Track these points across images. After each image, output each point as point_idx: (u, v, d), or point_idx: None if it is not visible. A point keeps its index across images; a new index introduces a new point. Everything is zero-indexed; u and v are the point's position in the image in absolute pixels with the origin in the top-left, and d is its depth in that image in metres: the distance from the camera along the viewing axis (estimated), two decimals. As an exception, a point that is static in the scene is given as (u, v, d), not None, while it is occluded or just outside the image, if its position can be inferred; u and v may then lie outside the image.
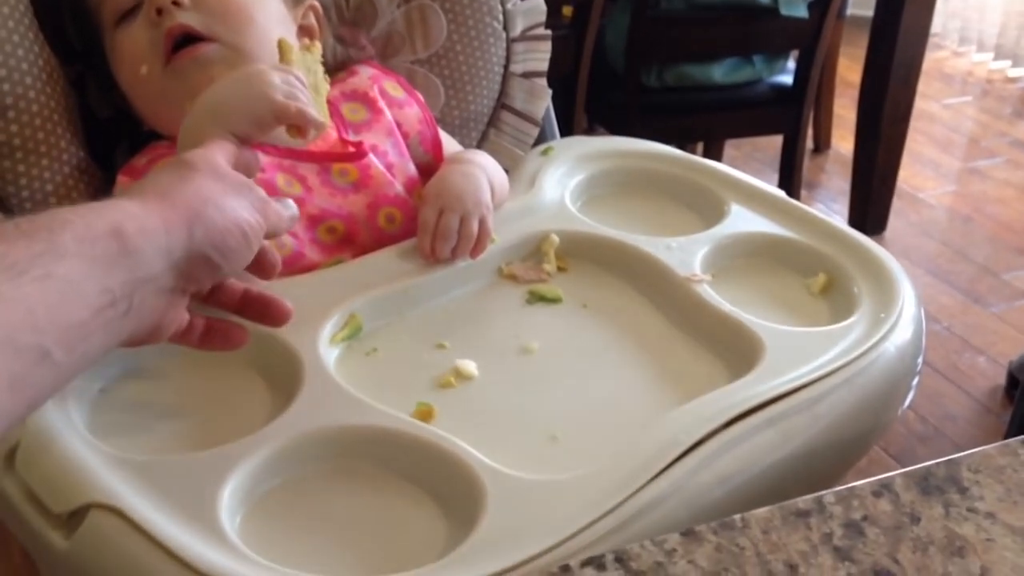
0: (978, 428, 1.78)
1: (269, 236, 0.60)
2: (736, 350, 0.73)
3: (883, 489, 0.47)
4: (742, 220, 0.87)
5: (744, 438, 0.62)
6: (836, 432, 0.66)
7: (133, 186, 0.57)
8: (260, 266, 0.61)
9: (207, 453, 0.59)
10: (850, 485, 0.47)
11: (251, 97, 0.65)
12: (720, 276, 0.81)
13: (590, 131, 2.35)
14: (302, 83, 0.69)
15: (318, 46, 0.76)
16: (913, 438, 1.75)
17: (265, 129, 0.66)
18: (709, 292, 0.77)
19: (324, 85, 0.73)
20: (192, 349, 0.62)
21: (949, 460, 0.48)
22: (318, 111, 0.69)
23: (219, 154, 0.59)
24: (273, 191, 0.79)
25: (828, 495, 0.47)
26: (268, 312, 0.62)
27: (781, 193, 0.91)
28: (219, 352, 0.64)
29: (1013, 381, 1.84)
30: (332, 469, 0.61)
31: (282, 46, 0.72)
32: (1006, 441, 0.50)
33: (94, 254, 0.48)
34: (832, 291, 0.81)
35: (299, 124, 0.66)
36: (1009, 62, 3.36)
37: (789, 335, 0.72)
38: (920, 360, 0.74)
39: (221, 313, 0.63)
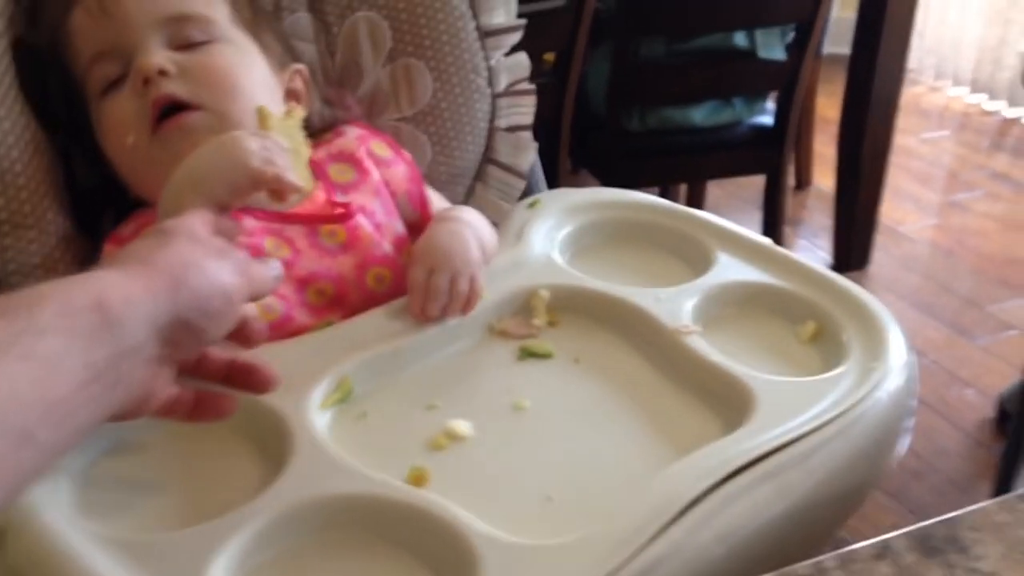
0: (970, 462, 1.79)
1: (254, 297, 0.59)
2: (728, 402, 0.73)
3: (884, 551, 0.46)
4: (729, 269, 0.88)
5: (741, 494, 0.62)
6: (832, 485, 0.65)
7: (113, 256, 0.56)
8: (244, 335, 0.61)
9: (196, 529, 0.58)
10: (850, 548, 0.47)
11: (228, 164, 0.65)
12: (710, 326, 0.81)
13: (574, 174, 2.37)
14: (281, 148, 0.69)
15: (299, 111, 0.76)
16: (906, 474, 1.74)
17: (242, 195, 0.65)
18: (699, 343, 0.77)
19: (305, 149, 0.74)
20: (167, 421, 0.62)
21: (949, 519, 0.48)
22: (299, 175, 0.69)
23: (197, 221, 0.59)
24: (261, 255, 0.79)
25: (828, 559, 0.46)
26: (254, 380, 0.62)
27: (767, 241, 0.92)
28: (208, 422, 0.63)
29: (1003, 413, 1.84)
30: (325, 540, 0.60)
31: (261, 113, 0.72)
32: (1004, 497, 0.49)
33: (76, 329, 0.48)
34: (821, 339, 0.81)
35: (277, 188, 0.66)
36: (985, 95, 3.41)
37: (780, 386, 0.72)
38: (913, 406, 0.74)
39: (207, 384, 0.62)
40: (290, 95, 0.87)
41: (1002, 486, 1.51)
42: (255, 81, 0.82)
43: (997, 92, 3.37)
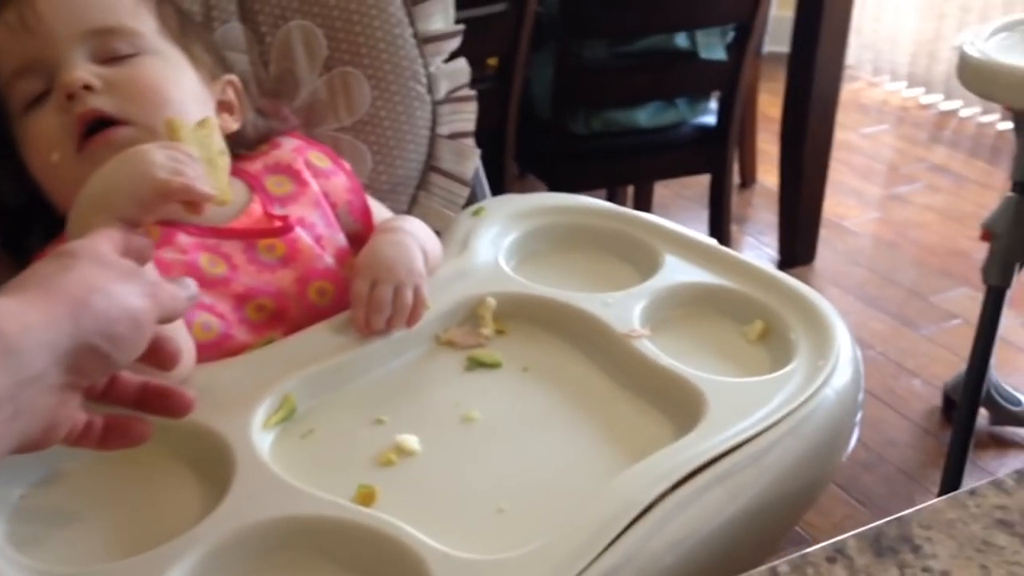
0: (919, 451, 1.81)
1: (165, 320, 0.57)
2: (679, 405, 0.72)
3: (836, 554, 0.46)
4: (676, 271, 0.87)
5: (693, 499, 0.61)
6: (784, 484, 0.65)
7: (12, 282, 0.54)
8: (159, 357, 0.58)
9: (138, 559, 0.56)
10: (803, 552, 0.46)
11: (132, 178, 0.63)
12: (658, 329, 0.81)
13: (521, 179, 2.36)
14: (191, 158, 0.67)
15: (213, 120, 0.74)
16: (856, 465, 1.76)
17: (150, 209, 0.63)
18: (649, 347, 0.77)
19: (223, 158, 0.72)
20: (112, 452, 0.59)
21: (900, 518, 0.48)
22: (215, 184, 0.68)
23: (103, 242, 0.57)
24: (196, 272, 0.77)
25: (782, 564, 0.46)
26: (169, 403, 0.59)
27: (713, 242, 0.91)
28: (144, 447, 0.61)
29: (949, 402, 1.87)
30: (273, 564, 0.59)
31: (171, 124, 0.70)
32: (954, 494, 0.50)
33: None
34: (769, 338, 0.81)
35: (188, 200, 0.64)
36: (922, 89, 3.47)
37: (730, 387, 0.72)
38: (861, 401, 0.74)
39: (120, 410, 0.59)
40: (222, 106, 0.85)
41: (951, 476, 1.53)
42: (184, 93, 0.79)
43: (933, 86, 3.44)
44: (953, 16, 3.33)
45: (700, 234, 0.93)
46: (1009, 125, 3.03)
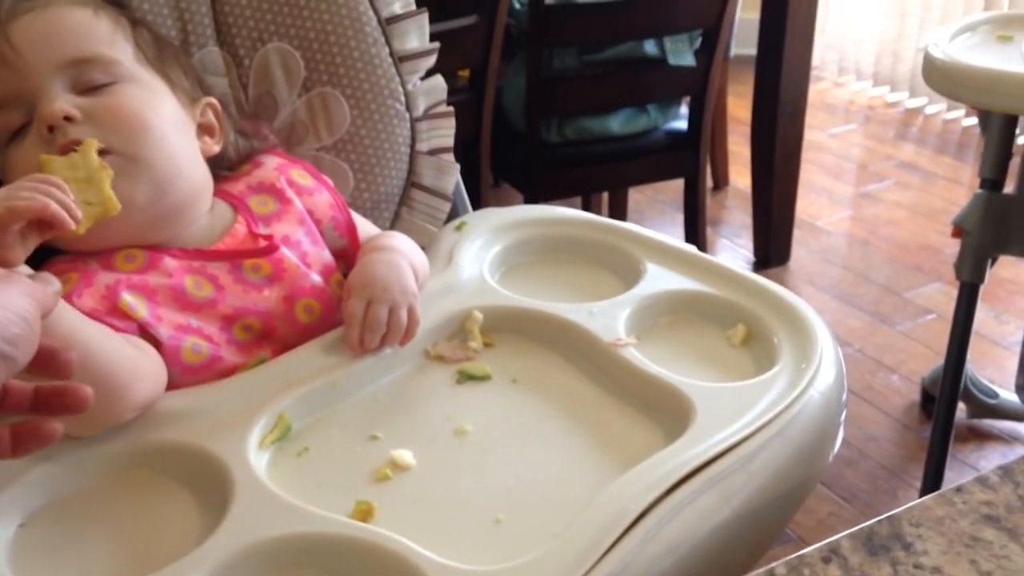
0: (899, 446, 1.84)
1: (46, 315, 0.58)
2: (668, 411, 0.74)
3: (831, 554, 0.47)
4: (659, 279, 0.89)
5: (686, 503, 0.63)
6: (775, 486, 0.66)
7: None
8: (57, 365, 0.58)
9: (142, 584, 0.57)
10: (799, 553, 0.47)
11: None
12: (644, 337, 0.82)
13: (496, 188, 2.37)
14: (52, 183, 0.66)
15: (90, 141, 0.72)
16: (839, 462, 1.78)
17: (2, 228, 0.62)
18: (635, 355, 0.78)
19: (102, 172, 0.71)
20: (104, 472, 0.60)
21: (891, 517, 0.49)
22: (96, 198, 0.68)
23: None
24: (183, 295, 0.78)
25: (779, 566, 0.47)
26: (66, 401, 0.59)
27: (693, 248, 0.93)
28: (142, 471, 0.61)
29: (928, 397, 1.90)
30: (275, 583, 0.59)
31: (40, 160, 0.70)
32: (941, 491, 0.51)
33: None
34: (752, 341, 0.83)
35: (42, 218, 0.64)
36: (887, 87, 3.52)
37: (717, 391, 0.73)
38: (845, 400, 0.76)
39: (20, 417, 0.60)
40: (203, 129, 0.86)
41: (933, 470, 1.56)
42: (164, 119, 0.80)
43: (898, 84, 3.49)
44: (915, 15, 3.38)
45: (680, 241, 0.95)
46: (974, 121, 3.09)
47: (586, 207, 2.37)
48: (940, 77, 1.35)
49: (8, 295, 0.55)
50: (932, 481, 1.55)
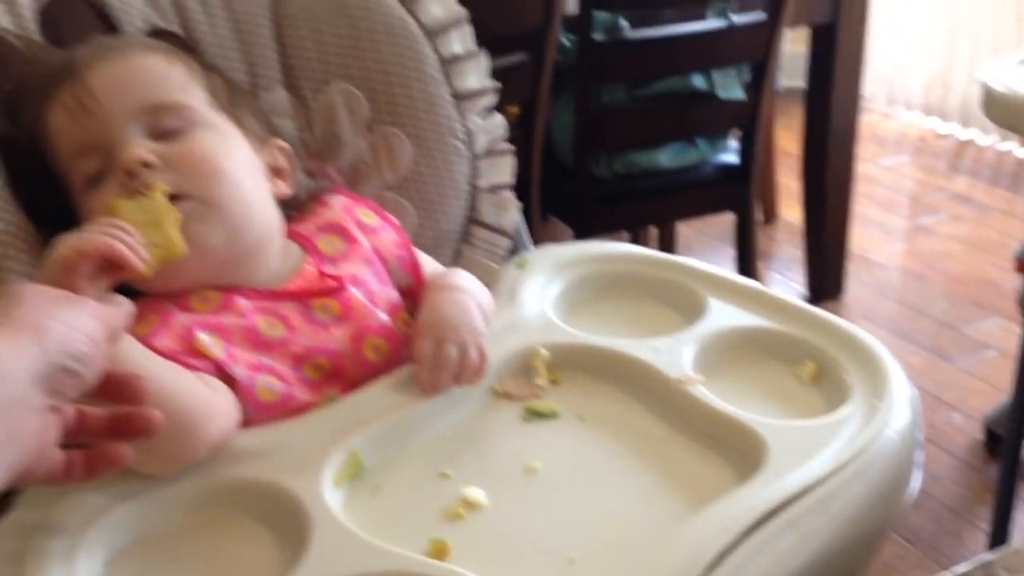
0: (964, 487, 1.79)
1: (113, 336, 0.60)
2: (739, 450, 0.73)
3: (926, 597, 0.46)
4: (723, 315, 0.88)
5: (765, 545, 0.62)
6: (854, 528, 0.65)
7: None
8: (127, 393, 0.61)
9: (225, 622, 0.57)
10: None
11: (59, 247, 0.66)
12: (710, 373, 0.82)
13: (544, 222, 2.38)
14: (115, 227, 0.68)
15: (160, 186, 0.75)
16: (901, 501, 1.74)
17: (70, 268, 0.64)
18: (703, 392, 0.78)
19: (168, 215, 0.73)
20: (185, 510, 0.61)
21: (985, 563, 0.48)
22: (161, 241, 0.70)
23: (40, 284, 0.62)
24: (256, 335, 0.79)
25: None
26: (136, 425, 0.61)
27: (756, 284, 0.93)
28: (221, 508, 0.62)
29: (992, 435, 1.86)
30: (354, 621, 0.59)
31: (110, 204, 0.73)
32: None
33: None
34: (822, 378, 0.82)
35: (109, 260, 0.65)
36: (937, 118, 3.48)
37: (790, 430, 0.73)
38: (921, 439, 0.75)
39: (95, 442, 0.62)
40: (274, 172, 0.87)
41: (1001, 511, 1.52)
42: (237, 163, 0.81)
43: (949, 115, 3.45)
44: (965, 46, 3.35)
45: (742, 276, 0.94)
46: (1029, 153, 3.05)
47: (634, 241, 2.37)
48: (1000, 110, 1.33)
49: (76, 315, 0.57)
50: (1001, 523, 1.51)
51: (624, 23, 1.97)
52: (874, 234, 2.78)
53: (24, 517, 0.66)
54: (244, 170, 0.82)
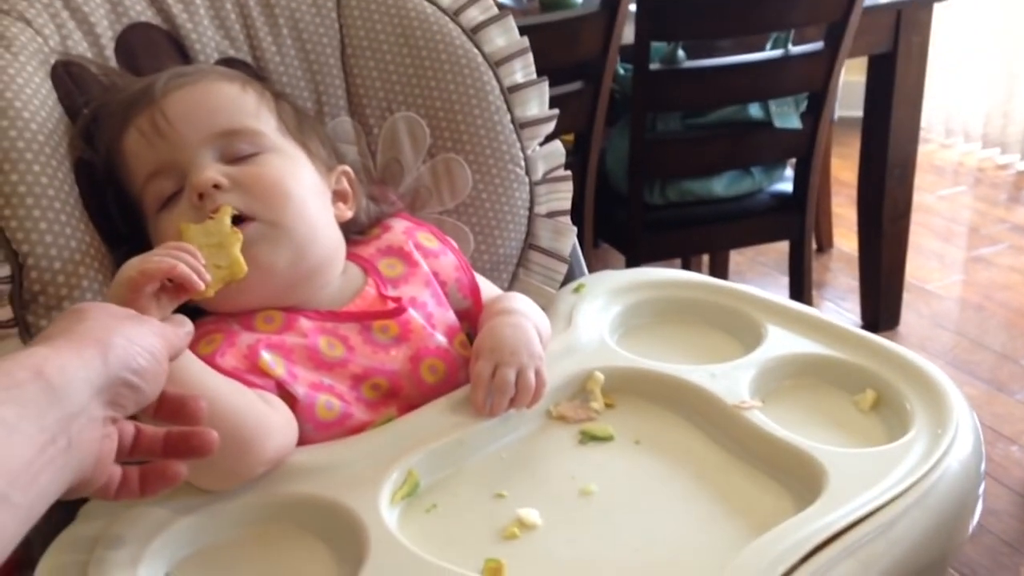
0: (1021, 521, 1.75)
1: (174, 354, 0.63)
2: (798, 477, 0.73)
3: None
4: (781, 342, 0.88)
5: (824, 572, 0.61)
6: (914, 556, 0.65)
7: (36, 338, 0.60)
8: (184, 412, 0.63)
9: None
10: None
11: (127, 268, 0.68)
12: (768, 400, 0.81)
13: (596, 248, 2.38)
14: (180, 249, 0.71)
15: (225, 208, 0.77)
16: (959, 536, 1.71)
17: (136, 288, 0.67)
18: (761, 418, 0.78)
19: (232, 237, 0.75)
20: (245, 525, 0.62)
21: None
22: (224, 261, 0.73)
23: (107, 302, 0.65)
24: (316, 354, 0.80)
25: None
26: (192, 443, 0.63)
27: (815, 311, 0.92)
28: (280, 523, 0.63)
29: (1052, 470, 1.82)
30: (411, 638, 0.60)
31: (178, 230, 0.76)
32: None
33: (23, 398, 0.51)
34: (882, 406, 0.81)
35: (174, 280, 0.68)
36: (998, 149, 3.43)
37: (850, 457, 0.72)
38: (983, 471, 0.74)
39: (151, 458, 0.64)
40: (338, 196, 0.89)
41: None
42: (304, 187, 0.84)
43: (1009, 146, 3.40)
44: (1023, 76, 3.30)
45: (800, 304, 0.94)
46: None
47: (685, 268, 2.36)
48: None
49: (139, 332, 0.60)
50: (1062, 559, 1.47)
51: (681, 53, 1.97)
52: (931, 264, 2.74)
53: (86, 529, 0.68)
54: (310, 193, 0.84)
